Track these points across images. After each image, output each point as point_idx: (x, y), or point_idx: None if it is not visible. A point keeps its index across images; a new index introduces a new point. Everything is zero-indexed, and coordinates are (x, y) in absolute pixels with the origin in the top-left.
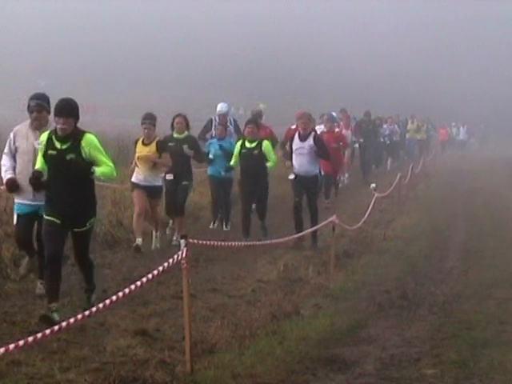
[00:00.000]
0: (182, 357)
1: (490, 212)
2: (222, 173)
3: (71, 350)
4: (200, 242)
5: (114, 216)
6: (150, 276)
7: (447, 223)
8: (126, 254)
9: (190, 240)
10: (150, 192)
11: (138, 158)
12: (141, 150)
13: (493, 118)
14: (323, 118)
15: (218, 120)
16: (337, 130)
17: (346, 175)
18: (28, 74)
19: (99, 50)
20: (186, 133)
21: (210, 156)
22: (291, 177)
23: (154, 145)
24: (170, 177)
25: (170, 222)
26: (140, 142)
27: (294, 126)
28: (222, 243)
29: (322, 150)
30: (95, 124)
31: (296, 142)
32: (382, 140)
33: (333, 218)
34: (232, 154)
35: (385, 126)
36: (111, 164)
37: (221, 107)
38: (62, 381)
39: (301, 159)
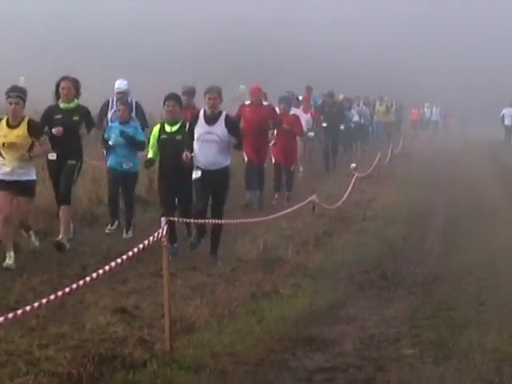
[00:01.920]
0: (161, 335)
1: (469, 195)
2: (124, 165)
3: (50, 327)
4: (180, 219)
5: (94, 193)
6: (129, 254)
7: (426, 204)
8: (105, 231)
9: (170, 218)
10: (20, 189)
11: (4, 144)
12: (6, 134)
13: (475, 103)
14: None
15: (116, 100)
16: (294, 112)
17: (301, 169)
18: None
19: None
20: (75, 101)
21: (110, 143)
22: (196, 175)
23: (23, 126)
24: (52, 156)
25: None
26: (4, 124)
27: (248, 102)
28: (202, 221)
29: (237, 137)
30: None
31: (201, 126)
32: (351, 125)
33: (313, 197)
34: (137, 142)
35: (353, 110)
36: None
37: (119, 84)
38: (41, 357)
39: (207, 149)
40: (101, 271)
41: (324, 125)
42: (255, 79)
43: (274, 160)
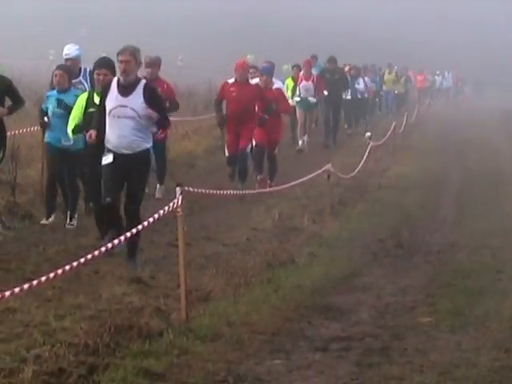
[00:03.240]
0: (177, 304)
1: (483, 163)
2: (63, 141)
3: (66, 297)
4: (195, 190)
5: None
6: (145, 223)
7: (441, 173)
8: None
9: (185, 188)
10: None
11: None
12: None
13: (487, 67)
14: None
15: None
16: (276, 86)
17: (305, 137)
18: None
19: None
20: None
21: (45, 119)
22: (106, 160)
23: None
24: None
25: None
26: None
27: (231, 80)
28: (217, 192)
29: (159, 110)
30: None
31: (113, 97)
32: (358, 96)
33: (328, 166)
34: None
35: (361, 79)
36: None
37: (68, 49)
38: (57, 328)
39: (120, 127)
40: (116, 241)
41: (325, 93)
42: (265, 51)
43: (254, 141)
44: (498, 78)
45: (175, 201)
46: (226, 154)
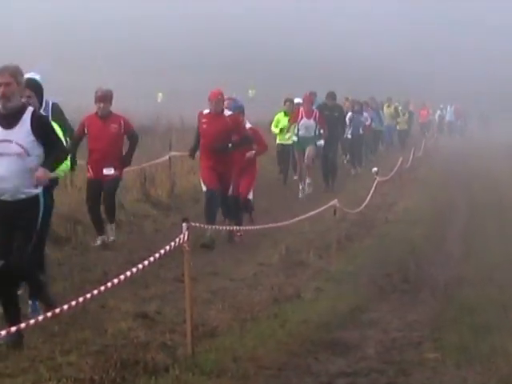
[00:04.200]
0: (184, 340)
1: (490, 196)
2: None
3: (72, 332)
4: (201, 225)
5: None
6: (151, 259)
7: (448, 207)
8: (127, 236)
9: (192, 223)
10: None
11: None
12: None
13: (494, 99)
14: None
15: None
16: (248, 126)
17: (308, 180)
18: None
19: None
20: None
21: None
22: None
23: None
24: None
25: None
26: None
27: (206, 110)
28: (224, 227)
29: (52, 144)
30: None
31: None
32: (360, 132)
33: (334, 201)
34: None
35: (365, 113)
36: None
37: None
38: (63, 363)
39: (3, 167)
40: (122, 277)
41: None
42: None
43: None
44: (503, 111)
45: (181, 236)
46: (203, 188)
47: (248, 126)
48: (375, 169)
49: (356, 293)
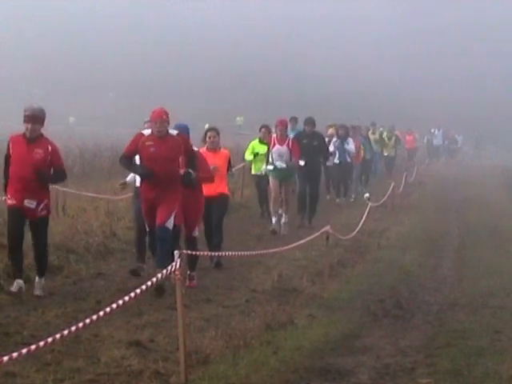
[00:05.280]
0: (177, 367)
1: (483, 221)
2: None
3: (65, 361)
4: (193, 252)
5: (108, 226)
6: (143, 287)
7: (441, 232)
8: (119, 264)
9: (183, 251)
10: None
11: None
12: None
13: (486, 122)
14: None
15: None
16: (195, 149)
17: (284, 218)
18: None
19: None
20: None
21: None
22: None
23: None
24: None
25: None
26: None
27: (147, 131)
28: (216, 253)
29: None
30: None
31: None
32: (348, 160)
33: (326, 227)
34: None
35: (350, 139)
36: None
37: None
38: None
39: None
40: (115, 305)
41: (301, 163)
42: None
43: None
44: (498, 135)
45: (173, 264)
46: (147, 228)
47: (194, 149)
48: (367, 194)
49: (349, 319)
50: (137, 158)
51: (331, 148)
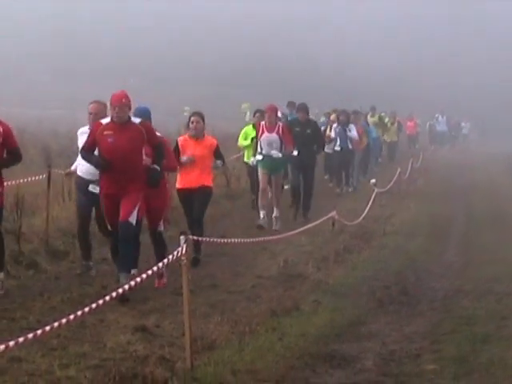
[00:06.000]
0: (182, 353)
1: (489, 207)
2: None
3: (71, 346)
4: (199, 238)
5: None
6: (149, 272)
7: (447, 218)
8: None
9: (189, 236)
10: None
11: None
12: None
13: (493, 112)
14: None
15: None
16: (158, 134)
17: (275, 212)
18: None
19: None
20: None
21: None
22: None
23: None
24: None
25: None
26: None
27: (106, 120)
28: (222, 240)
29: None
30: None
31: None
32: (349, 147)
33: (332, 213)
34: None
35: (352, 125)
36: None
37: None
38: (61, 377)
39: None
40: (121, 290)
41: (294, 152)
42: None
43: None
44: (504, 121)
45: (179, 249)
46: (109, 227)
47: (158, 134)
48: (373, 180)
49: (354, 305)
50: None
51: (332, 134)
